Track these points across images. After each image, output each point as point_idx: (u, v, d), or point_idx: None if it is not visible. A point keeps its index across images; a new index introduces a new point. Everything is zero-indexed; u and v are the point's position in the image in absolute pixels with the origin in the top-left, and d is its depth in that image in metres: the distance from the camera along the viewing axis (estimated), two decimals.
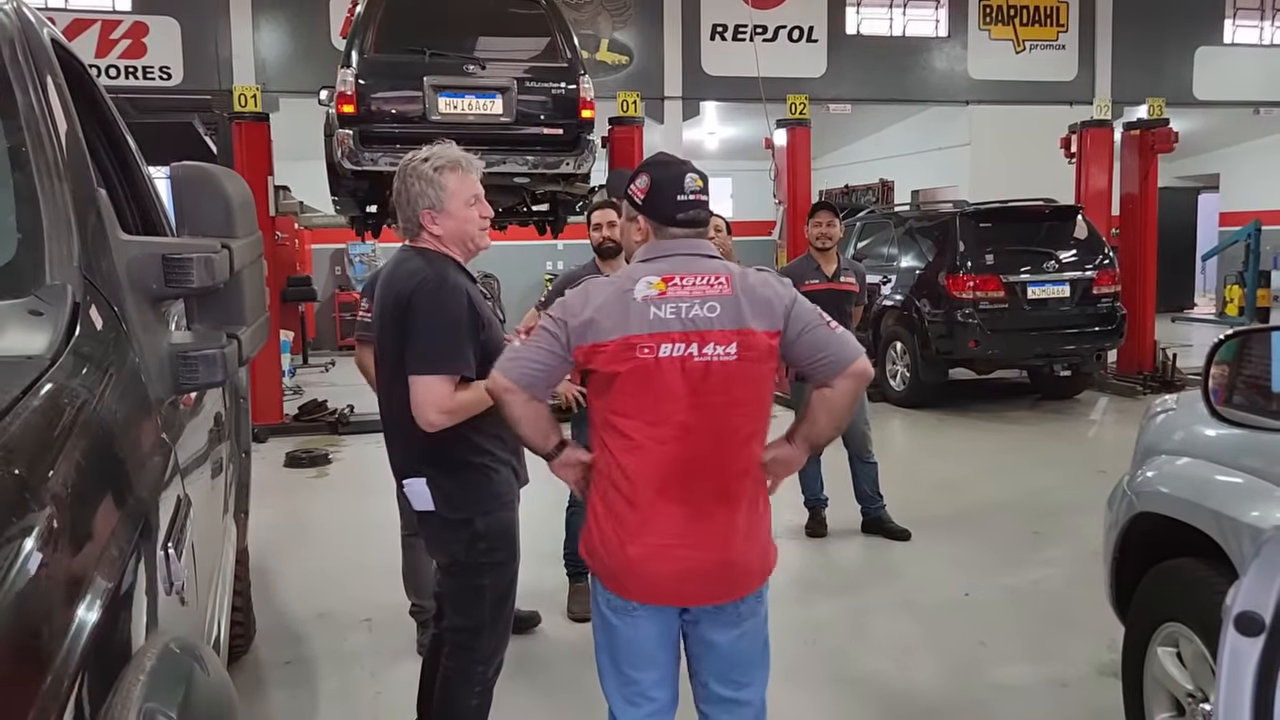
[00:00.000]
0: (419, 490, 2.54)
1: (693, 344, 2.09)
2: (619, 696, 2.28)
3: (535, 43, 7.45)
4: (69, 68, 1.86)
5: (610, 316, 2.10)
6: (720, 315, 2.10)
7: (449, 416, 2.41)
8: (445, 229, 2.53)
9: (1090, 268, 8.90)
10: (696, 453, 2.13)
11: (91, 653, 0.88)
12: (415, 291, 2.43)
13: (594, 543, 2.22)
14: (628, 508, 2.15)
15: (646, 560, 2.15)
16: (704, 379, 2.10)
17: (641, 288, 2.12)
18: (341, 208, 8.44)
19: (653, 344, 2.08)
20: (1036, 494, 6.26)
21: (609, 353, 2.09)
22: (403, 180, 2.53)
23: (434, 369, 2.39)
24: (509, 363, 2.16)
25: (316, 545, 5.47)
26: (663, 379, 2.09)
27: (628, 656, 2.25)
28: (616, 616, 2.23)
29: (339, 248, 14.89)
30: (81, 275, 1.33)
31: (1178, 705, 2.52)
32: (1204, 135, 15.25)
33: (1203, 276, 17.98)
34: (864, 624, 4.15)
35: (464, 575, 2.58)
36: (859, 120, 14.05)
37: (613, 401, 2.14)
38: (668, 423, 2.11)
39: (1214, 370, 2.19)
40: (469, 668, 2.62)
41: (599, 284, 2.19)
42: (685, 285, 2.12)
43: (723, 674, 2.29)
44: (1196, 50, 13.79)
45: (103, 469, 1.11)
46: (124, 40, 10.80)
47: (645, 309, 2.10)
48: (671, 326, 2.09)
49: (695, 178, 2.21)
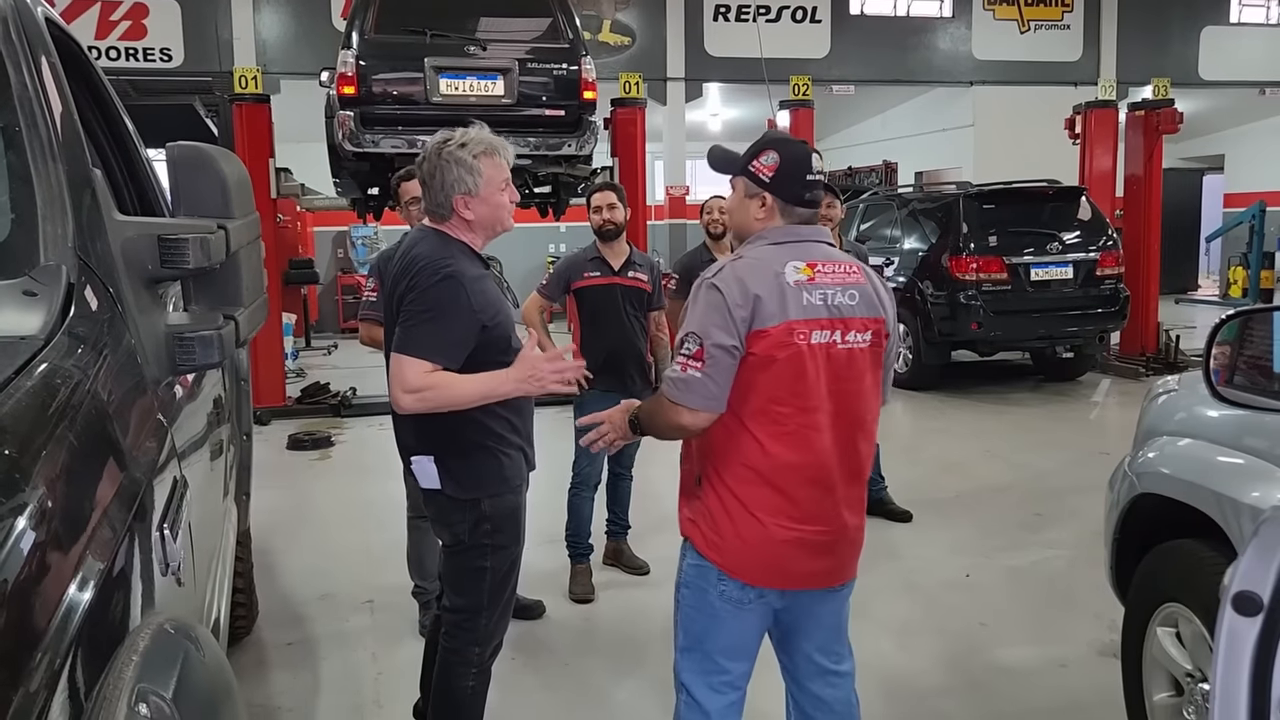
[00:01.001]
0: (426, 468, 2.54)
1: (837, 330, 2.13)
2: (704, 685, 2.25)
3: (537, 24, 7.42)
4: (65, 48, 1.85)
5: (772, 301, 2.09)
6: (859, 303, 2.15)
7: (416, 400, 2.38)
8: (478, 214, 2.51)
9: (1094, 249, 8.87)
10: (840, 439, 2.17)
11: (84, 633, 0.88)
12: (418, 273, 2.43)
13: (724, 534, 2.18)
14: (777, 496, 2.14)
15: (797, 546, 2.16)
16: (847, 366, 2.14)
17: (790, 272, 2.11)
18: (343, 190, 8.43)
19: (807, 330, 2.10)
20: (1038, 476, 6.26)
21: (772, 338, 2.09)
22: (437, 164, 2.48)
23: (412, 350, 2.38)
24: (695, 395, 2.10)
25: (319, 527, 5.49)
26: (814, 365, 2.11)
27: (728, 647, 2.24)
28: (730, 608, 2.21)
29: (341, 230, 14.85)
30: (76, 256, 1.33)
31: (1176, 685, 2.53)
32: (1209, 116, 15.17)
33: (1206, 258, 17.92)
34: (865, 605, 4.12)
35: (466, 556, 2.58)
36: (862, 101, 13.98)
37: (767, 388, 2.11)
38: (820, 409, 2.13)
39: (1215, 351, 2.18)
40: (465, 649, 2.62)
41: (745, 267, 2.14)
42: (829, 272, 2.15)
43: (826, 646, 2.32)
44: (1202, 30, 13.68)
45: (97, 449, 1.11)
46: (124, 22, 10.74)
47: (799, 294, 2.10)
48: (821, 313, 2.11)
49: (819, 158, 2.23)
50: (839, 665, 2.34)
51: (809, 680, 2.34)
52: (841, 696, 2.35)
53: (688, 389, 2.11)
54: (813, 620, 2.30)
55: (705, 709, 2.24)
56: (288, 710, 3.37)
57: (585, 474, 4.39)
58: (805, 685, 2.35)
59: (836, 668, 2.34)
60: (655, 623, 3.79)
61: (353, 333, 14.41)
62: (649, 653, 3.70)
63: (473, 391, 2.42)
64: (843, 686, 2.35)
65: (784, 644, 2.36)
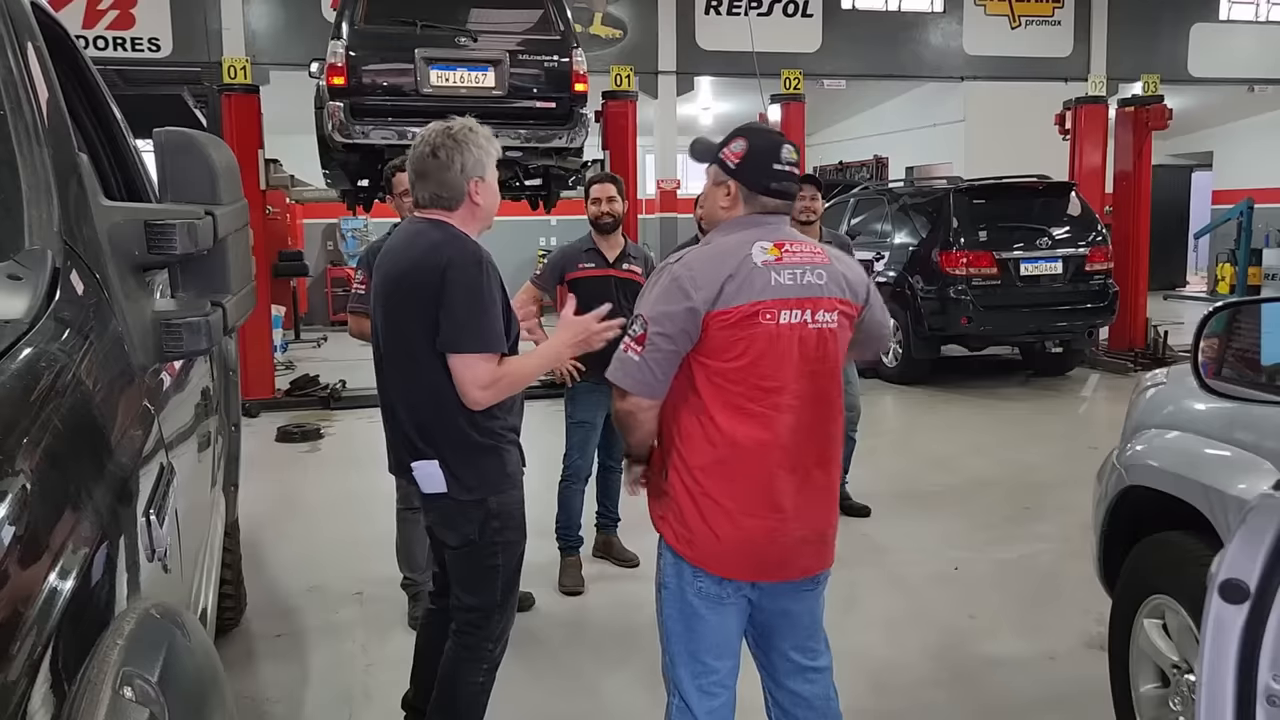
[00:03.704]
0: (430, 472, 2.47)
1: (807, 310, 2.09)
2: (694, 688, 2.22)
3: (528, 15, 7.40)
4: (51, 34, 1.83)
5: (739, 281, 2.05)
6: (826, 283, 2.12)
7: (493, 393, 2.36)
8: (485, 200, 2.49)
9: (1083, 245, 8.90)
10: (807, 421, 2.12)
11: (68, 617, 0.87)
12: (450, 265, 2.35)
13: (691, 525, 2.14)
14: (744, 483, 2.10)
15: (763, 535, 2.12)
16: (816, 346, 2.10)
17: (758, 252, 2.08)
18: (333, 181, 8.40)
19: (775, 310, 2.06)
20: (1027, 470, 6.29)
21: (736, 318, 2.05)
22: (453, 148, 2.42)
23: (479, 346, 2.34)
24: (629, 378, 2.10)
25: (308, 519, 5.48)
26: (782, 346, 2.07)
27: (712, 646, 2.21)
28: (706, 605, 2.17)
29: (331, 222, 14.80)
30: (62, 240, 1.32)
31: (1163, 677, 2.54)
32: (1198, 113, 15.22)
33: (1195, 254, 18.01)
34: (854, 598, 4.16)
35: (477, 556, 2.54)
36: (854, 96, 13.98)
37: (733, 370, 2.07)
38: (785, 391, 2.08)
39: (1203, 343, 2.19)
40: (479, 646, 2.60)
41: (709, 251, 2.12)
42: (796, 251, 2.11)
43: (802, 643, 2.29)
44: (1192, 27, 13.72)
45: (82, 434, 1.10)
46: (111, 11, 10.67)
47: (766, 274, 2.07)
48: (790, 293, 2.07)
49: (791, 149, 2.16)
50: (815, 661, 2.32)
51: (786, 678, 2.32)
52: (820, 692, 2.32)
53: (622, 369, 2.11)
54: (787, 619, 2.27)
55: (695, 713, 2.22)
56: (276, 701, 3.36)
57: (576, 467, 4.39)
58: (783, 683, 2.32)
59: (813, 664, 2.32)
60: (645, 615, 3.76)
61: (342, 325, 14.37)
62: (639, 644, 3.70)
63: (536, 367, 2.46)
64: (820, 682, 2.32)
65: (760, 643, 2.33)
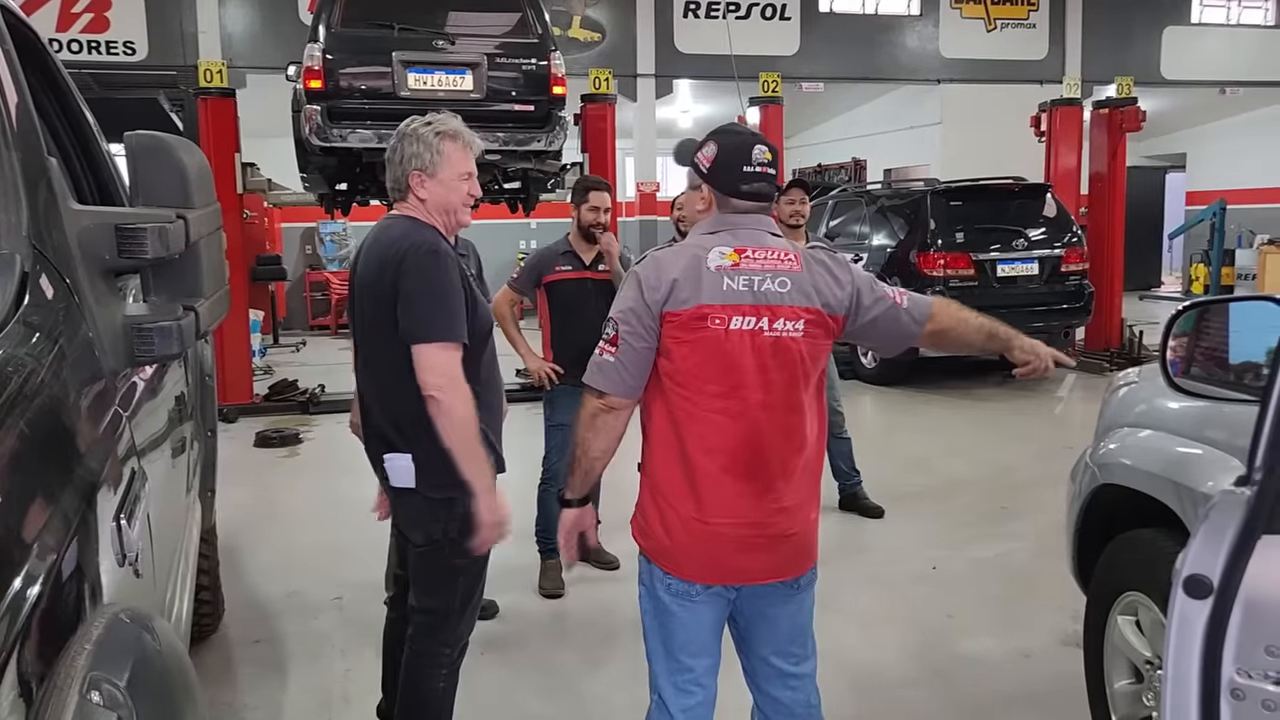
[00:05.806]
0: (402, 465, 2.48)
1: (763, 318, 2.07)
2: (671, 685, 2.21)
3: (506, 18, 7.38)
4: (20, 37, 1.82)
5: (686, 284, 2.06)
6: (791, 291, 2.09)
7: (453, 385, 2.35)
8: (431, 195, 2.49)
9: (1059, 246, 8.98)
10: (763, 427, 2.10)
11: (34, 621, 0.87)
12: (407, 255, 2.37)
13: (651, 524, 2.15)
14: (693, 484, 2.10)
15: (714, 538, 2.10)
16: (773, 354, 2.09)
17: (714, 257, 2.08)
18: (310, 185, 8.35)
19: (724, 315, 2.06)
20: (1004, 469, 6.33)
21: (683, 321, 2.06)
22: (399, 139, 2.50)
23: (435, 336, 2.34)
24: (606, 379, 2.10)
25: (287, 525, 5.44)
26: (732, 352, 2.07)
27: (685, 644, 2.20)
28: (677, 602, 2.17)
29: (310, 226, 14.72)
30: (30, 245, 1.31)
31: (1137, 672, 2.57)
32: (1172, 115, 15.37)
33: (1169, 255, 18.16)
34: (833, 597, 4.17)
35: (439, 556, 2.53)
36: (832, 99, 14.03)
37: (681, 373, 2.09)
38: (736, 396, 2.08)
39: (1172, 342, 2.22)
40: (435, 650, 2.59)
41: (667, 254, 2.14)
42: (757, 258, 2.10)
43: (782, 649, 2.27)
44: (1165, 30, 13.84)
45: (49, 438, 1.09)
46: (86, 14, 10.55)
47: (719, 279, 2.07)
48: (744, 299, 2.07)
49: (764, 150, 2.14)
50: (797, 668, 2.29)
51: (767, 683, 2.29)
52: (801, 699, 2.29)
53: (599, 372, 2.12)
54: (767, 623, 2.25)
55: (670, 710, 2.21)
56: (254, 708, 3.34)
57: (555, 470, 4.38)
58: (764, 688, 2.30)
59: (795, 670, 2.28)
60: (625, 616, 3.79)
61: (321, 329, 14.38)
62: (619, 646, 3.71)
63: (472, 430, 2.37)
64: (802, 689, 2.29)
65: (740, 647, 2.32)
